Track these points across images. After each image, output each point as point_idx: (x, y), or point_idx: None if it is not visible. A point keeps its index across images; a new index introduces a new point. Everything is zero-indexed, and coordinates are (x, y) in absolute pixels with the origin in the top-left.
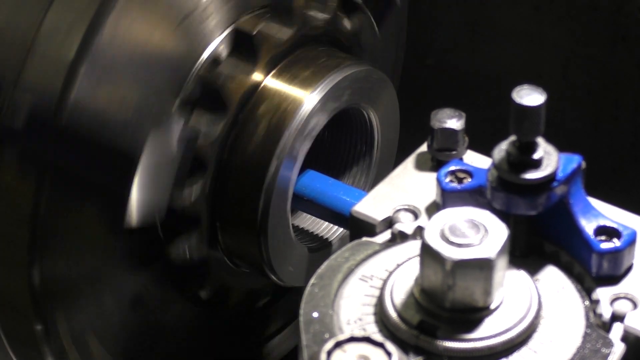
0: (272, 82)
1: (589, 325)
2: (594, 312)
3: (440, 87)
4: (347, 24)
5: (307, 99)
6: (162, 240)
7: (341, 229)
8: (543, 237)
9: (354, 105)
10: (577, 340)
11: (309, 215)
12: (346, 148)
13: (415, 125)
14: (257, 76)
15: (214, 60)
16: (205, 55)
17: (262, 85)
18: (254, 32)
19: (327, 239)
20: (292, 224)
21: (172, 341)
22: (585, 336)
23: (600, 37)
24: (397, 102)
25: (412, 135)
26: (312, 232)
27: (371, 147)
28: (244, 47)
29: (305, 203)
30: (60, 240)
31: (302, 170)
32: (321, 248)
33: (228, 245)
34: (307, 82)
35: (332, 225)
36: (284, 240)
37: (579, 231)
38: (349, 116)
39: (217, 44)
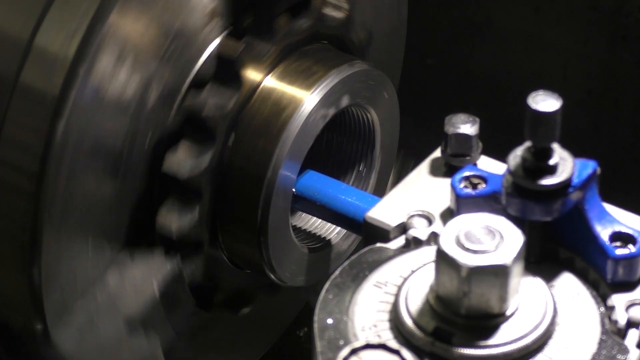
0: (272, 82)
1: (604, 331)
2: (610, 318)
3: (440, 87)
4: (349, 26)
5: (307, 99)
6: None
7: (341, 229)
8: (558, 243)
9: (354, 105)
10: (592, 347)
11: (309, 215)
12: (346, 148)
13: (416, 125)
14: (257, 76)
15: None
16: (205, 54)
17: (262, 85)
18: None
19: (327, 239)
20: (292, 224)
21: (171, 342)
22: (601, 343)
23: (600, 37)
24: (397, 102)
25: (412, 135)
26: (312, 232)
27: (371, 147)
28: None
29: (305, 203)
30: (61, 238)
31: (302, 170)
32: (321, 248)
33: (228, 245)
34: (307, 82)
35: (331, 225)
36: (284, 240)
37: (594, 237)
38: (349, 116)
39: (217, 43)
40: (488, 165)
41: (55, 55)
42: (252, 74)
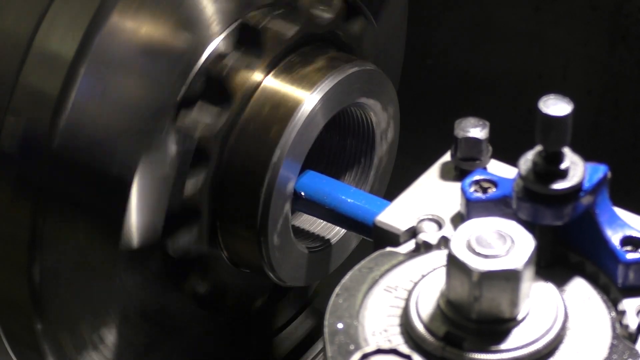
0: (272, 82)
1: (615, 336)
2: (620, 323)
3: (440, 87)
4: (349, 24)
5: (307, 99)
6: (162, 243)
7: (340, 230)
8: (568, 247)
9: (354, 105)
10: (603, 352)
11: (309, 216)
12: (346, 148)
13: (415, 125)
14: (257, 75)
15: (219, 55)
16: (210, 49)
17: (262, 84)
18: (260, 27)
19: (326, 239)
20: (292, 224)
21: (174, 342)
22: (612, 347)
23: (600, 37)
24: (397, 102)
25: (412, 135)
26: (312, 232)
27: (371, 147)
28: (250, 41)
29: (304, 203)
30: (61, 240)
31: (302, 170)
32: (321, 248)
33: (228, 244)
34: (307, 82)
35: (332, 225)
36: (284, 240)
37: (604, 241)
38: (349, 116)
39: (221, 39)
40: (498, 169)
41: (55, 55)
42: (251, 75)
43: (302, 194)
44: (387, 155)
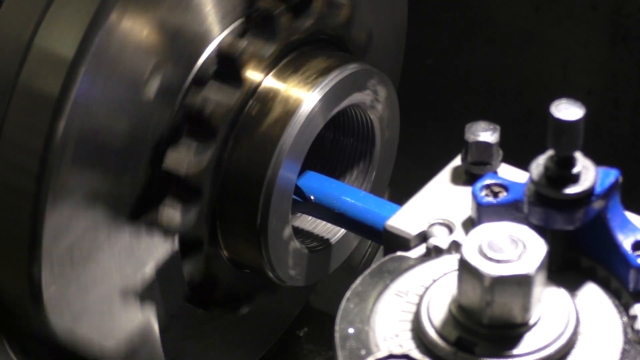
0: (271, 82)
1: (627, 341)
2: (632, 328)
3: (440, 88)
4: (355, 33)
5: (307, 99)
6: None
7: (341, 230)
8: (580, 252)
9: (354, 105)
10: (615, 357)
11: (309, 216)
12: (346, 148)
13: (415, 125)
14: (257, 75)
15: (233, 38)
16: (224, 33)
17: (262, 84)
18: (275, 13)
19: (327, 239)
20: (292, 224)
21: (175, 341)
22: (624, 352)
23: (600, 37)
24: (397, 102)
25: (412, 135)
26: (312, 233)
27: (371, 147)
28: (264, 27)
29: (312, 206)
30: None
31: (302, 170)
32: (321, 248)
33: (228, 244)
34: (307, 82)
35: (331, 225)
36: (284, 240)
37: (616, 246)
38: (349, 116)
39: (235, 25)
40: (508, 173)
41: (55, 55)
42: (252, 73)
43: (312, 197)
44: (387, 154)
